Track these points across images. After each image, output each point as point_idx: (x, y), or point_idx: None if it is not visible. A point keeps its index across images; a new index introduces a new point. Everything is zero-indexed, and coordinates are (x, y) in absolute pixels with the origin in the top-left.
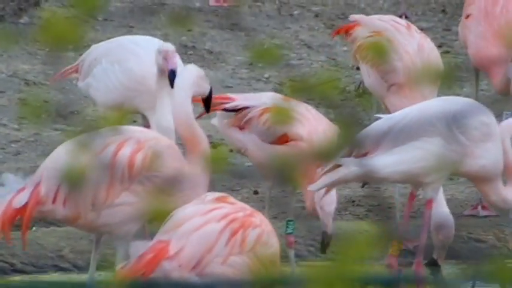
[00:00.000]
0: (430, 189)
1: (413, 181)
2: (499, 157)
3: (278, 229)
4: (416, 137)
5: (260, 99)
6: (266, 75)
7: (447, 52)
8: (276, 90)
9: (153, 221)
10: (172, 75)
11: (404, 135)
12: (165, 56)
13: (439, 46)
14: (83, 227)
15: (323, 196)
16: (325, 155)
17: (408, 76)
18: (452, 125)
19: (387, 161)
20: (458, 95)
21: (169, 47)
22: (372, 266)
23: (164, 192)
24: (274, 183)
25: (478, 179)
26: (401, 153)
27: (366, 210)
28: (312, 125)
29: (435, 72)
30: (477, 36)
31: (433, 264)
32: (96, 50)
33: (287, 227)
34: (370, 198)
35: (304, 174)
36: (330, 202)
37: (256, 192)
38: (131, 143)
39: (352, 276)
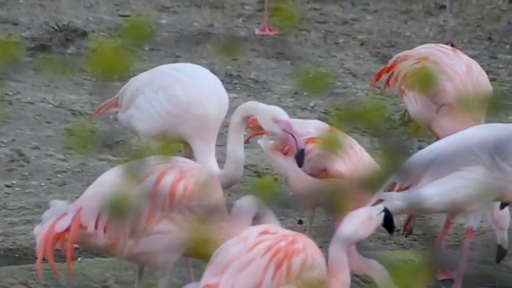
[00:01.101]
0: (473, 218)
1: (457, 210)
2: None
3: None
4: (458, 166)
5: (306, 127)
6: (311, 104)
7: (493, 80)
8: (321, 119)
9: (192, 251)
10: (301, 156)
11: (447, 166)
12: (288, 130)
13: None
14: (121, 255)
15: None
16: (369, 187)
17: (459, 97)
18: (494, 153)
19: (431, 192)
20: (504, 122)
21: (286, 117)
22: None
23: (204, 221)
24: (314, 213)
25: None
26: (445, 184)
27: (411, 239)
28: (354, 162)
29: (484, 95)
30: None
31: (502, 255)
32: (137, 80)
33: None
34: (416, 227)
35: (346, 208)
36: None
37: (300, 222)
38: (174, 172)
39: None
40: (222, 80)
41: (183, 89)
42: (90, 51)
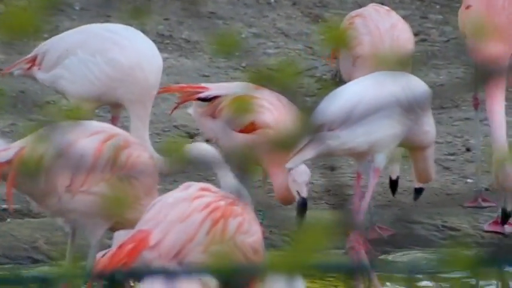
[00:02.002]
0: (381, 158)
1: (375, 149)
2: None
3: None
4: (378, 110)
5: (231, 88)
6: (243, 64)
7: (424, 40)
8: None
9: (114, 212)
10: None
11: (366, 114)
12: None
13: (416, 34)
14: (54, 208)
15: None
16: (284, 145)
17: (374, 50)
18: (407, 99)
19: (356, 133)
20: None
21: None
22: (335, 254)
23: (135, 194)
24: (242, 172)
25: (417, 147)
26: (368, 125)
27: (342, 199)
28: (280, 112)
29: (401, 53)
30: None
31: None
32: (65, 40)
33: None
34: (339, 188)
35: (272, 162)
36: (301, 172)
37: None
38: (120, 138)
39: (311, 264)
40: (153, 40)
41: (123, 52)
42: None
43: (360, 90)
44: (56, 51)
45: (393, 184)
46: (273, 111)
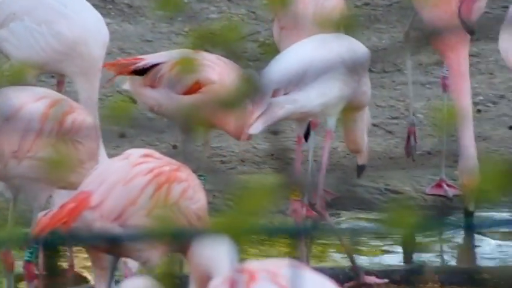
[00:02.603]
0: (333, 120)
1: (327, 112)
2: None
3: None
4: (329, 70)
5: (169, 55)
6: (186, 29)
7: (367, 4)
8: None
9: (58, 176)
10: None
11: (319, 75)
12: None
13: None
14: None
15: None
16: (234, 99)
17: (297, 20)
18: (351, 59)
19: (311, 95)
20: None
21: None
22: (278, 218)
23: (73, 148)
24: (187, 134)
25: (355, 108)
26: (319, 87)
27: (286, 163)
28: (223, 69)
29: (327, 19)
30: None
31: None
32: (13, 2)
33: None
34: (282, 152)
35: (221, 120)
36: None
37: (175, 147)
38: (65, 104)
39: (253, 227)
40: (95, 5)
41: (69, 26)
42: None
43: (309, 52)
44: (3, 11)
45: (360, 168)
46: (216, 68)
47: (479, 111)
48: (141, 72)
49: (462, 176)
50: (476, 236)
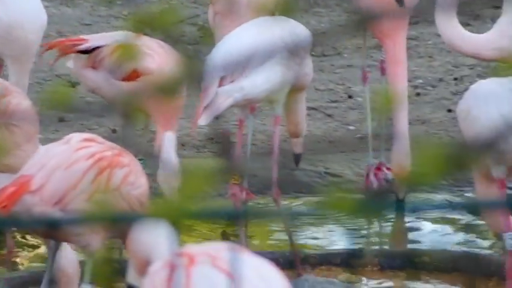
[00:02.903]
0: (280, 106)
1: (273, 98)
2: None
3: None
4: (273, 55)
5: (113, 38)
6: (125, 13)
7: None
8: None
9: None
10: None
11: (263, 61)
12: None
13: None
14: None
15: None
16: (172, 88)
17: (232, 5)
18: (294, 42)
19: (256, 82)
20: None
21: None
22: (218, 201)
23: (8, 130)
24: (127, 119)
25: (296, 90)
26: (264, 73)
27: (226, 147)
28: (163, 57)
29: (262, 4)
30: None
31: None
32: None
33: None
34: (222, 136)
35: (157, 109)
36: None
37: (114, 131)
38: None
39: (193, 210)
40: None
41: (5, 10)
42: None
43: (252, 37)
44: None
45: (297, 158)
46: (155, 57)
47: (418, 94)
48: (86, 52)
49: (394, 164)
50: (414, 219)
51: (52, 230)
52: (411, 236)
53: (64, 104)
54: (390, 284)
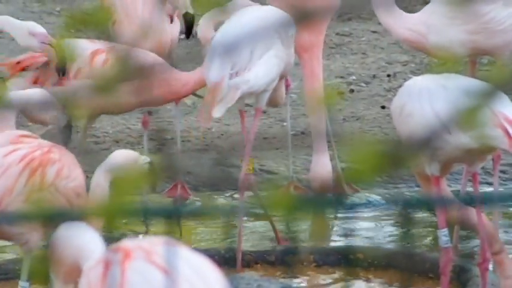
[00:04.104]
0: (265, 98)
1: (266, 89)
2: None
3: None
4: (270, 45)
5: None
6: (58, 9)
7: None
8: None
9: None
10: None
11: (261, 52)
12: (46, 41)
13: None
14: None
15: None
16: (110, 87)
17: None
18: (286, 31)
19: (258, 74)
20: None
21: (42, 29)
22: (154, 198)
23: None
24: (62, 115)
25: (283, 75)
26: (263, 65)
27: (161, 144)
28: (96, 53)
29: None
30: None
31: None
32: None
33: None
34: (157, 133)
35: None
36: None
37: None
38: None
39: (129, 208)
40: None
41: None
42: None
43: (250, 30)
44: None
45: None
46: (96, 55)
47: (352, 91)
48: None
49: (312, 174)
50: (349, 216)
51: None
52: (347, 232)
53: None
54: (327, 280)
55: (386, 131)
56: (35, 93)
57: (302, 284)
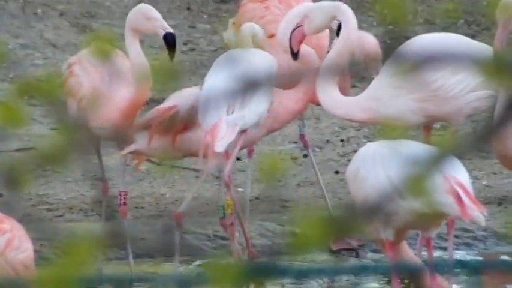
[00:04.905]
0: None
1: (256, 125)
2: None
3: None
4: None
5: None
6: (11, 75)
7: (193, 50)
8: None
9: None
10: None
11: (254, 91)
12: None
13: (185, 43)
14: None
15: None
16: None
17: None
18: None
19: (251, 110)
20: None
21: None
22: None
23: None
24: (12, 184)
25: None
26: (255, 103)
27: (112, 211)
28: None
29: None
30: None
31: None
32: None
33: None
34: (109, 200)
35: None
36: None
37: (0, 195)
38: None
39: (80, 277)
40: None
41: None
42: None
43: (243, 73)
44: None
45: None
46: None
47: (305, 156)
48: None
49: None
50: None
51: None
52: None
53: None
54: None
55: (340, 195)
56: None
57: None
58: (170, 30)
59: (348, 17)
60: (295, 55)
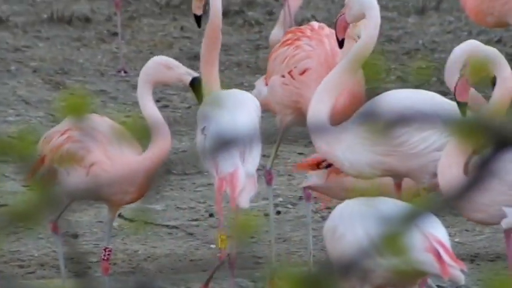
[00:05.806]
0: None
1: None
2: None
3: None
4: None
5: None
6: None
7: (166, 106)
8: None
9: None
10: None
11: (255, 141)
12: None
13: (158, 100)
14: None
15: None
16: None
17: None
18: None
19: (256, 153)
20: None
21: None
22: None
23: None
24: None
25: None
26: (256, 150)
27: (85, 267)
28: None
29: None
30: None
31: None
32: None
33: None
34: (81, 256)
35: None
36: None
37: None
38: None
39: None
40: None
41: None
42: None
43: (245, 124)
44: None
45: None
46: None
47: (279, 212)
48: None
49: None
50: None
51: None
52: None
53: None
54: None
55: (313, 252)
56: None
57: None
58: (195, 74)
59: (372, 14)
60: (340, 43)
